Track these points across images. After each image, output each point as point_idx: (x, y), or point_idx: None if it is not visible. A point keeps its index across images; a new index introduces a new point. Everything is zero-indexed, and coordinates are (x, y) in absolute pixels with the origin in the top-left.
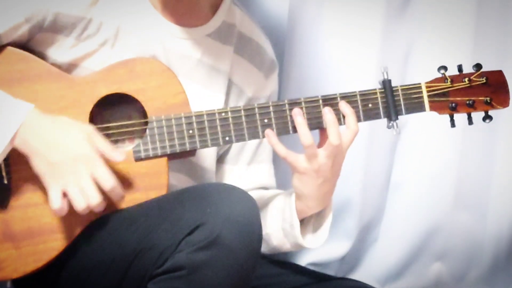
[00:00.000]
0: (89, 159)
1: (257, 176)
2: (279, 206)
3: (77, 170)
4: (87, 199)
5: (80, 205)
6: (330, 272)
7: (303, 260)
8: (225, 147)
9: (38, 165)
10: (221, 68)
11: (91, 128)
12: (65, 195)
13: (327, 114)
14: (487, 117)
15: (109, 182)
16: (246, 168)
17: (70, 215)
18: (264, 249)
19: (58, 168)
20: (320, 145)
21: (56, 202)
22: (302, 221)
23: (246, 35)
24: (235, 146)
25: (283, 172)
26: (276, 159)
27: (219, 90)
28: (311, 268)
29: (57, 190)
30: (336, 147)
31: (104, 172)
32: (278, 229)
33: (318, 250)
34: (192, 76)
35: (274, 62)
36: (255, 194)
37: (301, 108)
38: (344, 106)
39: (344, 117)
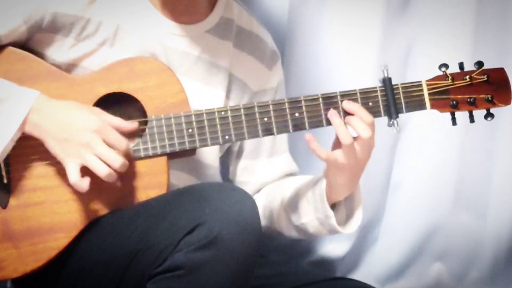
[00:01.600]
0: (99, 128)
1: (280, 166)
2: (309, 197)
3: (89, 140)
4: (109, 163)
5: (104, 171)
6: (330, 272)
7: (303, 260)
8: (237, 144)
9: (52, 146)
10: (220, 64)
11: (98, 109)
12: (86, 169)
13: (348, 117)
14: (488, 115)
15: (123, 143)
16: (267, 161)
17: (70, 214)
18: (300, 236)
19: (70, 144)
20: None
21: (73, 176)
22: (334, 205)
23: (245, 28)
24: (250, 141)
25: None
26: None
27: (219, 87)
28: (311, 268)
29: (73, 164)
30: (368, 139)
31: (115, 135)
32: (313, 219)
33: (318, 250)
34: (191, 74)
35: (275, 52)
36: (281, 185)
37: (301, 106)
38: (348, 105)
39: (349, 114)
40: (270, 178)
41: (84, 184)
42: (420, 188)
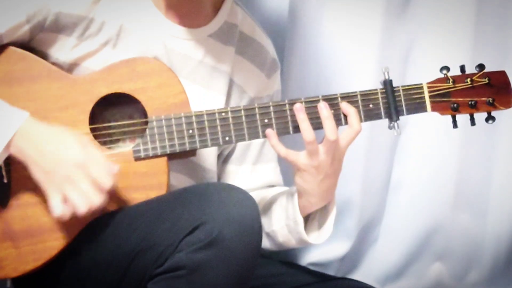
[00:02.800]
0: (83, 162)
1: (263, 175)
2: (283, 203)
3: (73, 175)
4: (89, 202)
5: (82, 209)
6: (330, 272)
7: (303, 260)
8: (229, 148)
9: (35, 173)
10: (222, 69)
11: (86, 138)
12: (66, 200)
13: (323, 109)
14: (489, 118)
15: (108, 181)
16: (252, 168)
17: None
18: (271, 246)
19: (54, 176)
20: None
21: (57, 209)
22: (307, 217)
23: (247, 35)
24: (240, 146)
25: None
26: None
27: (219, 91)
28: (311, 268)
29: (57, 196)
30: (333, 142)
31: (99, 172)
32: (283, 226)
33: (318, 250)
34: (193, 77)
35: (275, 61)
36: (261, 193)
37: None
38: (346, 106)
39: (346, 116)
40: (251, 186)
41: (67, 215)
42: (420, 188)
